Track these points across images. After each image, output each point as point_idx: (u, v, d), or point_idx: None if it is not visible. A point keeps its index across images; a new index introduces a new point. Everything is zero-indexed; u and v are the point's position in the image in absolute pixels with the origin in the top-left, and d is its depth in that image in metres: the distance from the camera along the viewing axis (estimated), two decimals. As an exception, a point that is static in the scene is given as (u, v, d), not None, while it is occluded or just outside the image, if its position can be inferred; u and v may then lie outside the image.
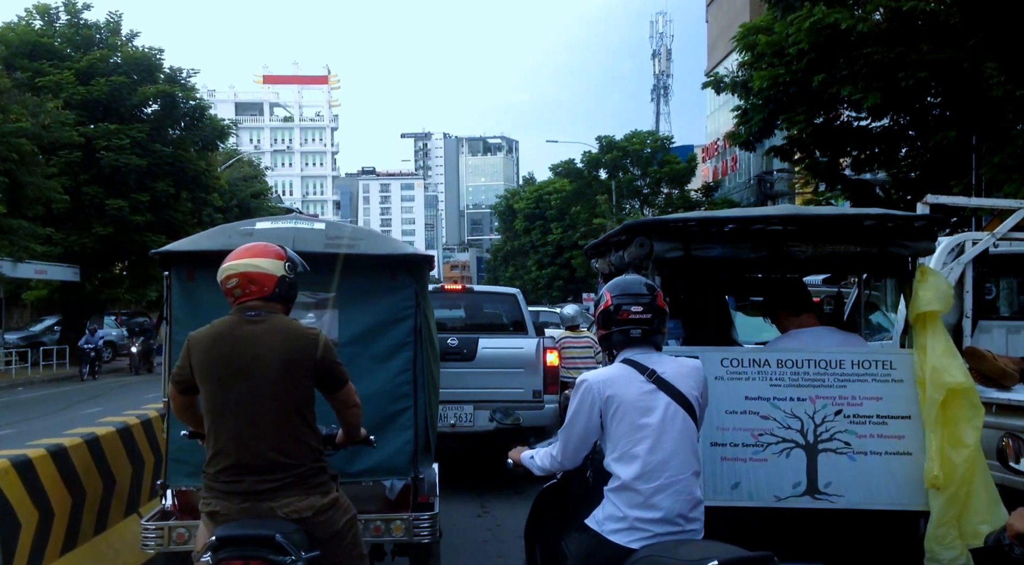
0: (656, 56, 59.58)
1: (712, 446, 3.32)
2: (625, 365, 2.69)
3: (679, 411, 2.63)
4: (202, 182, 25.64)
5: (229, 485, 2.68)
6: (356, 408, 2.96)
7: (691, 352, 3.35)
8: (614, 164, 36.37)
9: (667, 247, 3.38)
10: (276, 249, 2.87)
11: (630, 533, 2.57)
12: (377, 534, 3.64)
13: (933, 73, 10.98)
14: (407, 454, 3.73)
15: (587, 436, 2.70)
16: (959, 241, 4.98)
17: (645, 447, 2.60)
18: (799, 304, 3.73)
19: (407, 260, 3.89)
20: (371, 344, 3.77)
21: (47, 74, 21.94)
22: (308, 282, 3.50)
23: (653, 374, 2.65)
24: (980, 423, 3.15)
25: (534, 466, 2.91)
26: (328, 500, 2.75)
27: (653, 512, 2.57)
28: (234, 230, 3.85)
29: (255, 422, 2.68)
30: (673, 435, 2.62)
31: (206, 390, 2.75)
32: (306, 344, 2.76)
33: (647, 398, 2.63)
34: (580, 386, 2.72)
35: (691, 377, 2.70)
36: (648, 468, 2.59)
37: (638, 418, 2.61)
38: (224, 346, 2.73)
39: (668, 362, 2.71)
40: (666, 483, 2.58)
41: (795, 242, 3.45)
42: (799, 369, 3.35)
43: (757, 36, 13.30)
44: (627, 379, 2.65)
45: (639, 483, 2.59)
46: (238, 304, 2.79)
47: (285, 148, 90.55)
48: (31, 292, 26.21)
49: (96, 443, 4.30)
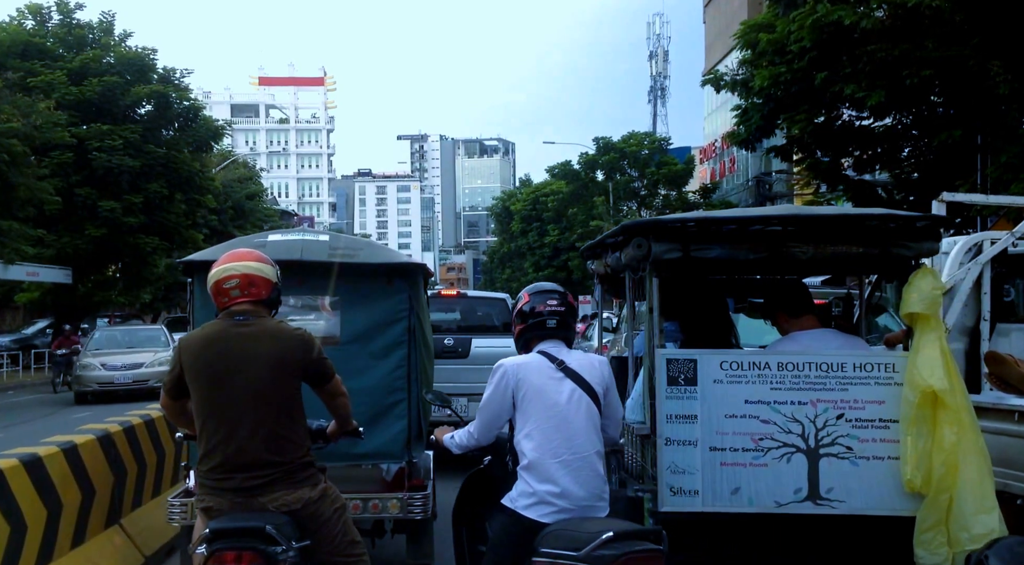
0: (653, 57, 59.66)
1: (711, 451, 3.26)
2: (538, 355, 3.05)
3: (583, 397, 2.99)
4: (196, 183, 25.46)
5: (221, 482, 2.83)
6: (344, 397, 3.16)
7: (690, 355, 3.30)
8: (611, 166, 36.33)
9: (665, 248, 3.33)
10: (268, 258, 3.08)
11: (540, 507, 2.89)
12: (375, 511, 4.13)
13: (938, 71, 10.84)
14: (401, 441, 4.19)
15: (500, 414, 3.06)
16: (976, 240, 4.81)
17: (551, 426, 2.94)
18: (799, 306, 3.68)
19: (401, 268, 4.36)
20: (369, 343, 4.22)
21: (39, 74, 21.72)
22: (313, 287, 4.26)
23: (562, 364, 3.01)
24: (958, 427, 3.07)
25: (453, 445, 3.23)
26: (316, 492, 2.91)
27: (558, 486, 2.90)
28: (248, 241, 4.28)
29: (245, 421, 2.82)
30: (577, 418, 2.96)
31: (197, 391, 2.87)
32: (299, 344, 2.94)
33: (555, 384, 2.98)
34: (497, 370, 3.04)
35: (596, 370, 3.06)
36: (553, 445, 2.92)
37: (546, 400, 2.96)
38: (215, 349, 2.86)
39: (576, 355, 3.08)
40: (570, 459, 2.92)
41: (796, 243, 3.42)
42: (800, 372, 3.29)
43: (758, 34, 13.14)
44: (538, 366, 3.01)
45: (545, 458, 2.91)
46: (226, 308, 2.93)
47: (281, 150, 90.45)
48: (23, 294, 26.03)
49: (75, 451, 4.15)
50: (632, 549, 2.59)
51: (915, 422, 3.12)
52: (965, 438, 3.07)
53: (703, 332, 4.20)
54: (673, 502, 3.23)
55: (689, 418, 3.26)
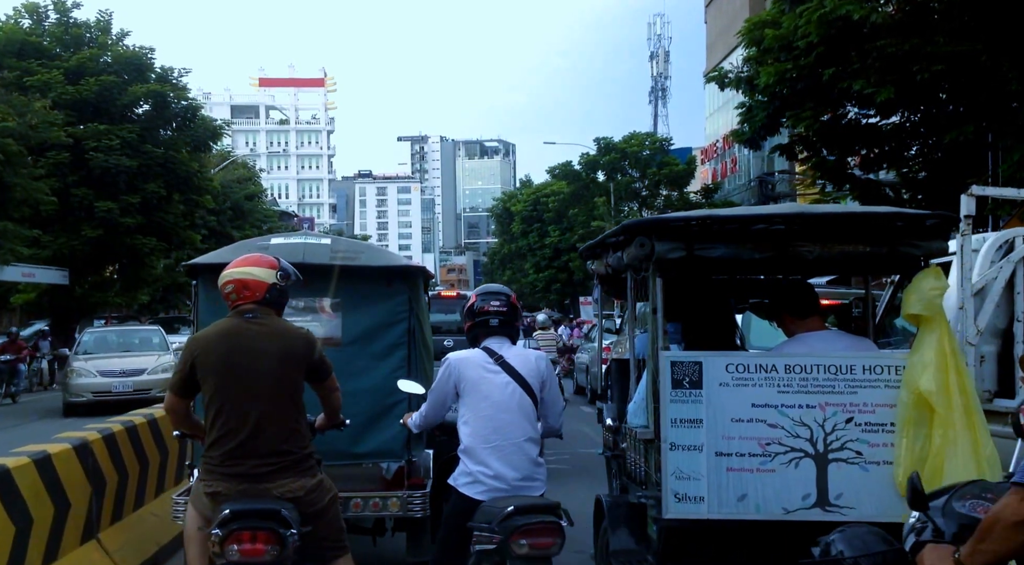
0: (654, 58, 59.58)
1: (717, 456, 3.18)
2: (480, 350, 3.40)
3: (517, 389, 3.31)
4: (194, 184, 25.32)
5: (232, 468, 3.00)
6: (338, 392, 3.39)
7: (694, 357, 3.23)
8: (612, 166, 36.19)
9: (669, 247, 3.28)
10: (271, 260, 3.23)
11: (475, 486, 3.25)
12: (376, 509, 4.19)
13: (950, 66, 10.58)
14: (401, 440, 4.27)
15: (444, 400, 3.44)
16: (1008, 237, 4.60)
17: (484, 415, 3.27)
18: (805, 307, 3.59)
19: (401, 271, 4.49)
20: (370, 344, 4.33)
21: (35, 73, 21.58)
22: (315, 289, 4.32)
23: (500, 358, 3.35)
24: (945, 430, 3.00)
25: (413, 425, 3.67)
26: (315, 481, 3.10)
27: (491, 468, 3.24)
28: (252, 244, 4.43)
29: (258, 412, 3.01)
30: (510, 407, 3.28)
31: (209, 384, 3.05)
32: (302, 342, 3.17)
33: (491, 376, 3.32)
34: (444, 362, 3.42)
35: (532, 365, 3.39)
36: (485, 431, 3.26)
37: (481, 391, 3.30)
38: (227, 344, 3.06)
39: (515, 352, 3.41)
40: (501, 444, 3.25)
41: (802, 242, 3.35)
42: (808, 375, 3.22)
43: (764, 30, 12.92)
44: (477, 360, 3.37)
45: (477, 443, 3.27)
46: (235, 307, 3.14)
47: (281, 151, 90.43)
48: (19, 296, 25.88)
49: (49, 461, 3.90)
50: (531, 521, 3.03)
51: (909, 425, 3.06)
52: (955, 442, 2.99)
53: (706, 333, 4.12)
54: (678, 509, 3.16)
55: (694, 422, 3.19)
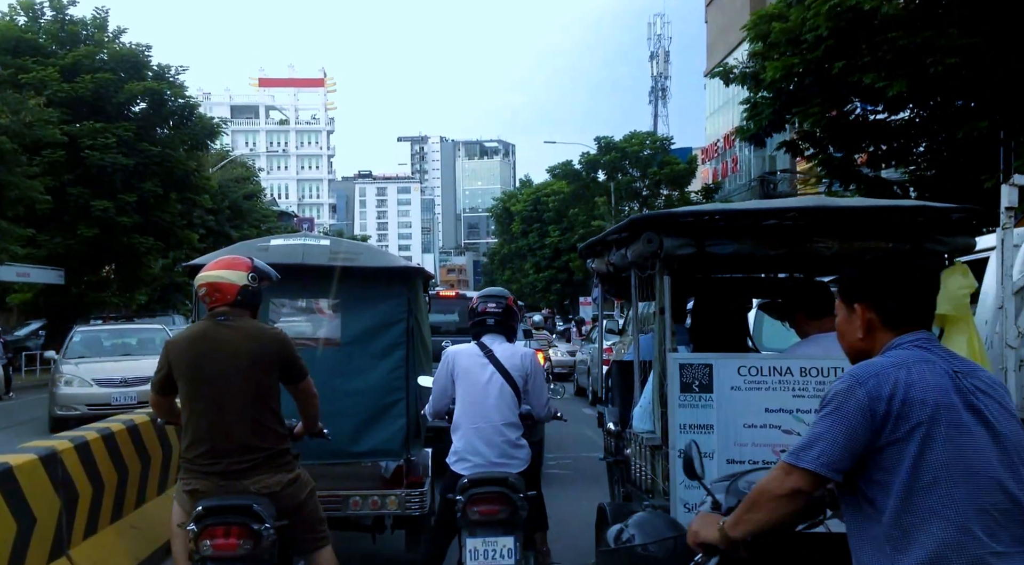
0: (654, 58, 59.31)
1: (728, 463, 3.01)
2: (475, 344, 3.84)
3: (500, 380, 3.73)
4: (192, 183, 25.10)
5: (208, 466, 3.11)
6: (314, 398, 3.41)
7: (704, 360, 3.05)
8: (613, 165, 36.03)
9: (678, 243, 3.11)
10: (245, 261, 3.28)
11: (461, 463, 3.69)
12: (374, 508, 4.27)
13: (964, 59, 10.25)
14: (400, 439, 4.34)
15: (445, 388, 3.86)
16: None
17: (470, 400, 3.73)
18: (820, 306, 3.40)
19: (400, 272, 4.56)
20: (369, 344, 4.39)
21: (30, 71, 21.33)
22: (315, 290, 4.50)
23: (490, 353, 3.77)
24: None
25: (428, 413, 4.03)
26: (292, 476, 3.20)
27: (472, 447, 3.68)
28: (252, 246, 4.49)
29: (229, 411, 3.10)
30: (491, 394, 3.72)
31: (184, 385, 3.16)
32: (274, 343, 3.22)
33: (479, 368, 3.76)
34: (443, 356, 3.87)
35: (518, 361, 3.80)
36: (470, 414, 3.71)
37: (470, 379, 3.75)
38: (199, 346, 3.16)
39: (506, 347, 3.83)
40: (483, 426, 3.69)
41: (819, 238, 3.16)
42: (824, 378, 3.05)
43: (771, 23, 12.59)
44: (470, 353, 3.82)
45: (463, 424, 3.72)
46: (210, 310, 3.23)
47: (280, 151, 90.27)
48: (15, 295, 25.70)
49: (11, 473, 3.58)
50: (479, 491, 3.50)
51: None
52: None
53: (716, 334, 3.94)
54: (687, 518, 2.97)
55: (705, 428, 3.03)
